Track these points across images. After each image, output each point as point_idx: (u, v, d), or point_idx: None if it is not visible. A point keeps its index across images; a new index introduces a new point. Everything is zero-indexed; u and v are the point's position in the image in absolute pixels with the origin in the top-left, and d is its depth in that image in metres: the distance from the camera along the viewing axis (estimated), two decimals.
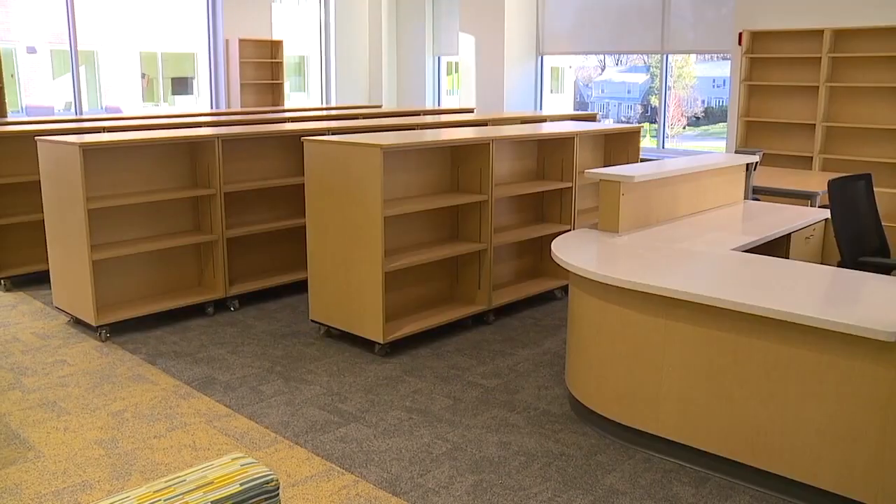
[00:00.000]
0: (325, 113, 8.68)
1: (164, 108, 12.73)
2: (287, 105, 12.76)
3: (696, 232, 4.48)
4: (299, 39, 13.73)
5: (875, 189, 5.01)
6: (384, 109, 9.51)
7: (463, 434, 3.82)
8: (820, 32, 8.23)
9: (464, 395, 4.27)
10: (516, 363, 4.75)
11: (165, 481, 1.69)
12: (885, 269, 4.39)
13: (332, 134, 6.10)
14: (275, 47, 12.30)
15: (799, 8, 8.36)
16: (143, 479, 3.38)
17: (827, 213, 5.02)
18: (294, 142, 6.20)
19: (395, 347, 4.97)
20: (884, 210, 7.87)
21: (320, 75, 13.70)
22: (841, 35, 8.17)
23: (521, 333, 5.27)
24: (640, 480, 3.41)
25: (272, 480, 1.74)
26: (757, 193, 6.45)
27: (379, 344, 4.81)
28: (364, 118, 8.07)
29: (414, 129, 6.58)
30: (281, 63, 12.31)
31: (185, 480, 1.69)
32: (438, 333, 5.24)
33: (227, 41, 11.77)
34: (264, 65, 12.28)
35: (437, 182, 5.37)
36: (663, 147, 10.48)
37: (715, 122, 11.02)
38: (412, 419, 3.98)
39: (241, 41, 11.78)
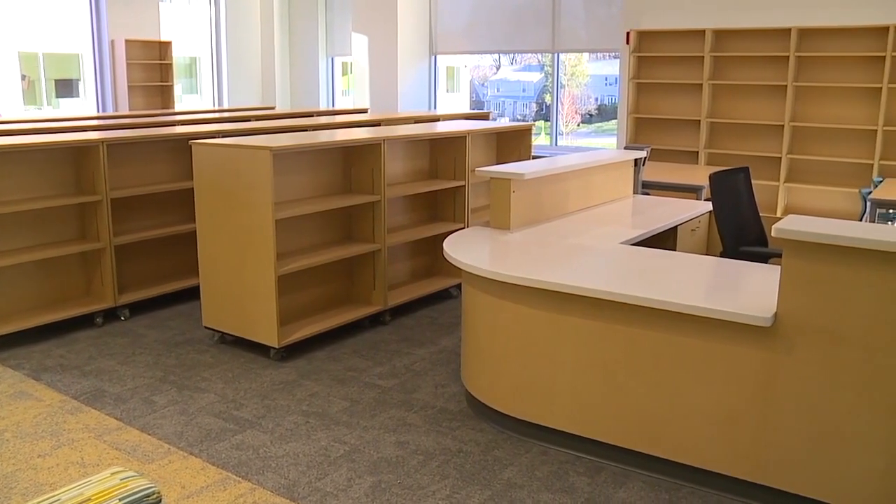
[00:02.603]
0: (216, 115, 8.49)
1: (47, 112, 12.21)
2: (178, 108, 12.46)
3: (587, 227, 4.57)
4: (190, 40, 13.40)
5: (754, 181, 5.22)
6: (277, 111, 9.38)
7: (360, 436, 3.81)
8: (702, 32, 8.54)
9: (361, 397, 4.26)
10: (413, 362, 4.76)
11: (38, 502, 1.62)
12: (764, 258, 4.58)
13: (224, 136, 5.98)
14: (163, 48, 11.98)
15: (682, 9, 8.65)
16: (24, 502, 3.24)
17: (711, 206, 5.21)
18: (184, 145, 6.05)
19: (291, 351, 4.91)
20: (762, 201, 8.22)
21: (212, 77, 13.41)
22: (721, 35, 8.49)
23: (418, 332, 5.29)
24: (536, 473, 3.47)
25: (153, 493, 1.69)
26: (646, 188, 6.64)
27: (274, 348, 4.74)
28: (256, 120, 7.95)
29: (306, 130, 6.52)
30: (170, 64, 11.99)
31: (59, 500, 1.63)
32: (335, 335, 5.20)
33: (112, 42, 11.40)
34: (153, 66, 11.95)
35: (329, 183, 5.33)
36: (556, 144, 10.68)
37: (608, 119, 11.28)
38: (309, 423, 3.94)
39: (128, 42, 11.42)
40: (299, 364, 4.72)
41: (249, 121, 7.83)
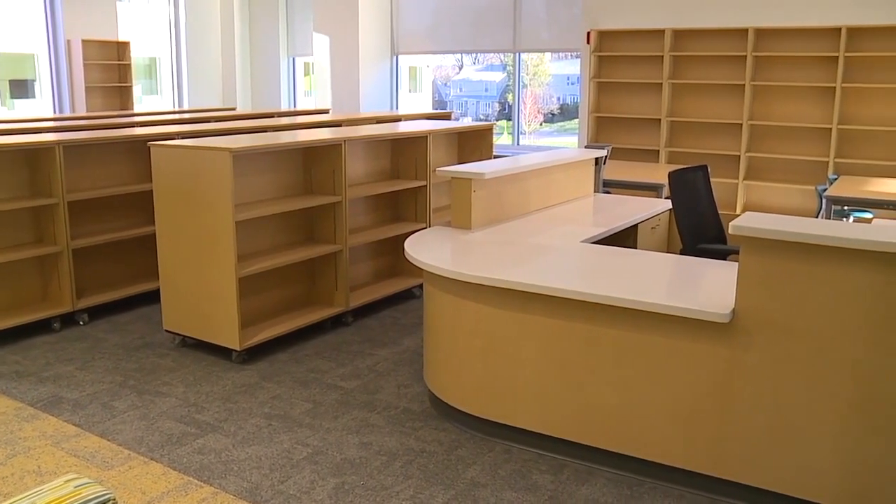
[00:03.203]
0: (176, 117, 8.40)
1: (1, 113, 11.99)
2: (137, 109, 12.30)
3: (548, 226, 4.59)
4: (149, 40, 13.23)
5: (714, 179, 5.29)
6: (238, 112, 9.30)
7: (323, 437, 3.79)
8: (661, 32, 8.62)
9: (324, 399, 4.24)
10: (376, 363, 4.74)
11: None
12: (723, 255, 4.64)
13: (183, 138, 5.91)
14: (121, 48, 11.82)
15: (641, 9, 8.73)
16: None
17: (671, 204, 5.26)
18: (143, 147, 5.98)
19: (253, 354, 4.87)
20: (722, 198, 8.32)
21: (172, 78, 13.26)
22: (680, 35, 8.58)
23: (381, 333, 5.28)
24: (500, 472, 3.48)
25: (108, 500, 1.67)
26: (608, 186, 6.69)
27: (236, 351, 4.71)
28: (217, 121, 7.88)
29: (267, 131, 6.48)
30: (129, 65, 11.84)
31: None
32: (297, 337, 5.17)
33: (68, 42, 11.23)
34: (111, 67, 11.79)
35: (290, 184, 5.30)
36: (518, 144, 10.72)
37: (570, 119, 11.34)
38: (272, 426, 3.91)
39: (85, 42, 11.25)
40: (261, 366, 4.69)
41: (210, 122, 7.76)
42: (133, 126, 7.30)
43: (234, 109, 10.22)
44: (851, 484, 3.00)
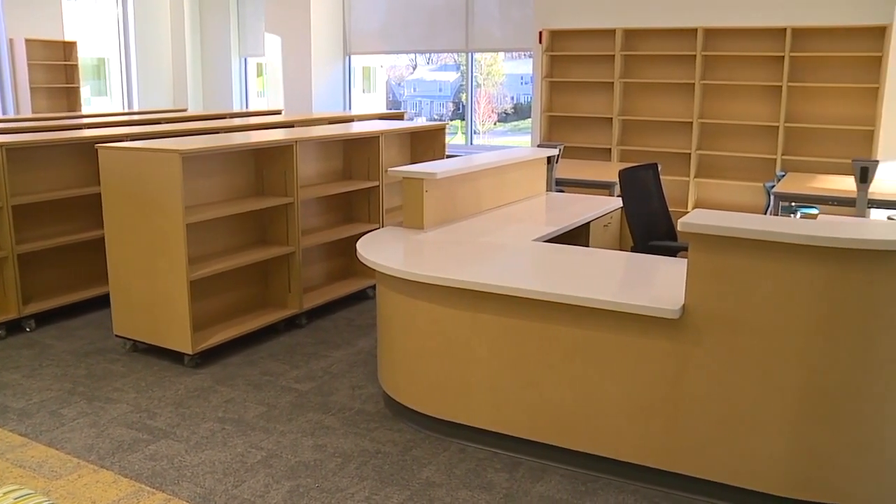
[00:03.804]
0: (126, 118, 8.28)
1: None
2: (85, 110, 12.08)
3: (500, 225, 4.61)
4: (97, 40, 13.00)
5: (665, 177, 5.35)
6: (189, 113, 9.19)
7: (278, 440, 3.76)
8: (612, 32, 8.70)
9: (278, 401, 4.20)
10: (330, 365, 4.72)
11: None
12: (673, 252, 4.69)
13: (133, 140, 5.82)
14: (68, 48, 11.60)
15: (593, 9, 8.80)
16: None
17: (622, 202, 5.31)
18: (91, 149, 5.87)
19: (206, 357, 4.82)
20: (674, 196, 8.43)
21: (121, 79, 13.05)
22: (631, 34, 8.67)
23: (335, 335, 5.25)
24: (455, 471, 3.48)
25: None
26: (560, 185, 6.73)
27: (188, 355, 4.65)
28: (168, 122, 7.77)
29: (218, 132, 6.41)
30: (76, 66, 11.62)
31: None
32: (250, 340, 5.13)
33: (11, 41, 10.98)
34: (57, 67, 11.56)
35: (242, 186, 5.25)
36: (471, 143, 10.74)
37: (524, 118, 11.38)
38: (225, 430, 3.87)
39: (29, 41, 11.01)
40: (214, 370, 4.64)
41: (160, 123, 7.65)
42: (81, 128, 7.18)
43: (185, 111, 10.08)
44: (799, 473, 3.05)
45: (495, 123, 11.60)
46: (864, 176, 5.41)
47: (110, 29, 12.91)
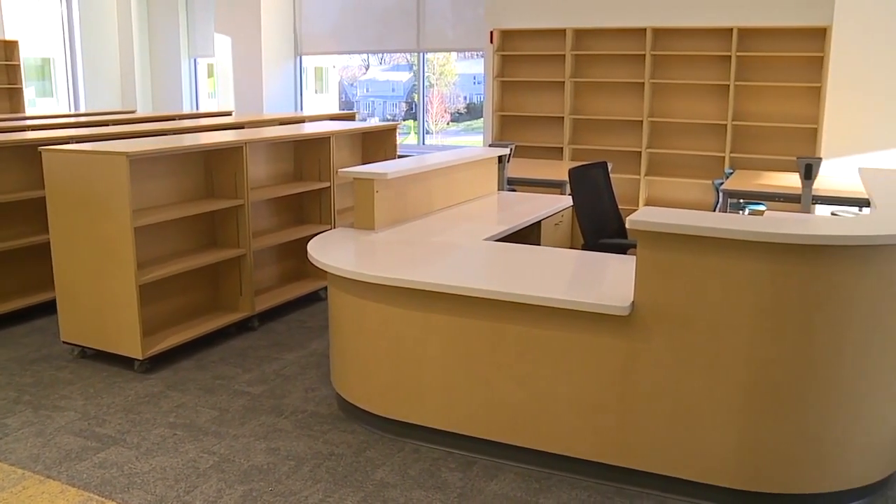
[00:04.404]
0: (72, 120, 8.13)
1: None
2: (29, 112, 11.82)
3: (451, 225, 4.62)
4: (41, 39, 12.73)
5: (616, 175, 5.40)
6: (138, 115, 9.05)
7: (230, 445, 3.72)
8: (563, 32, 8.76)
9: (230, 405, 4.16)
10: (283, 367, 4.69)
11: None
12: (623, 249, 4.74)
13: (79, 142, 5.72)
14: (9, 48, 11.35)
15: (543, 9, 8.86)
16: None
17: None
18: (35, 152, 5.76)
19: (157, 362, 4.75)
20: (625, 194, 8.52)
21: (67, 79, 12.81)
22: (581, 34, 8.74)
23: (287, 337, 5.22)
24: (409, 471, 3.48)
25: None
26: (511, 184, 6.76)
27: (138, 360, 4.58)
28: (115, 124, 7.65)
29: (167, 134, 6.33)
30: (18, 66, 11.37)
31: None
32: (202, 344, 5.07)
33: None
34: None
35: (192, 188, 5.19)
36: (423, 143, 10.75)
37: (477, 118, 11.42)
38: (176, 435, 3.83)
39: None
40: (165, 375, 4.58)
41: (108, 125, 7.52)
42: (24, 130, 7.02)
43: (133, 112, 9.92)
44: (748, 465, 3.11)
45: (448, 123, 11.62)
46: (809, 173, 5.53)
47: (55, 28, 12.66)
